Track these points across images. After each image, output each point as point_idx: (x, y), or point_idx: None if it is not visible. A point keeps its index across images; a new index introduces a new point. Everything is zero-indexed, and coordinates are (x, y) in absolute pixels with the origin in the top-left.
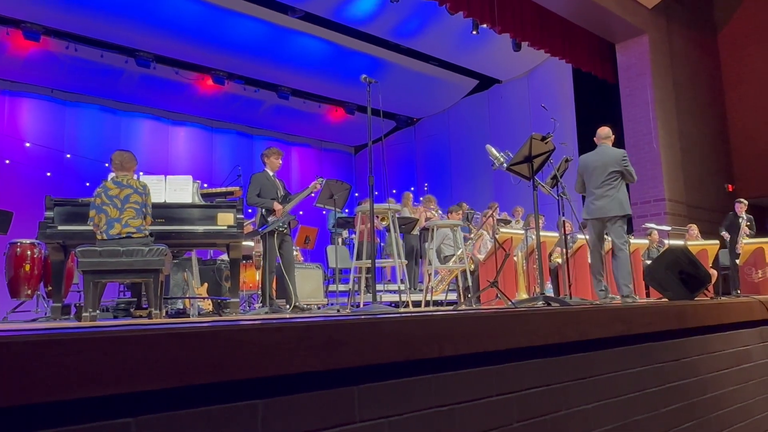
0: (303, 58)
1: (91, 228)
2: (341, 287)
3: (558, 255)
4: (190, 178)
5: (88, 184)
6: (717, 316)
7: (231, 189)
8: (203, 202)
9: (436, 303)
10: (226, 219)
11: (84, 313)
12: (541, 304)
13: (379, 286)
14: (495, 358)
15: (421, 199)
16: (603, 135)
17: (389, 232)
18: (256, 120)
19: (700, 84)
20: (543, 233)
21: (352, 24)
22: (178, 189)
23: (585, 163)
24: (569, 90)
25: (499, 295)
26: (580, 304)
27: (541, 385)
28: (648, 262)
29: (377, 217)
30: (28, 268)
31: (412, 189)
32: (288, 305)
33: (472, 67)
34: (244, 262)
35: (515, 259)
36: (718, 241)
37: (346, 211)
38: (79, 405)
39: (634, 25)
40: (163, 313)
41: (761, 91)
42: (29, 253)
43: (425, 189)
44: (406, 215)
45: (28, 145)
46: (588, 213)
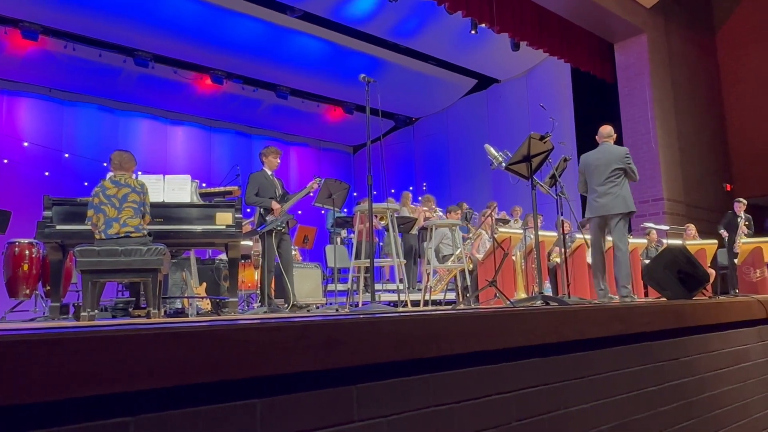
0: (302, 57)
1: (90, 227)
2: (340, 287)
3: (557, 254)
4: (189, 177)
5: (86, 184)
6: (715, 315)
7: (229, 188)
8: (202, 202)
9: (434, 302)
10: (224, 218)
11: (82, 313)
12: (539, 303)
13: (378, 285)
14: (493, 358)
15: (420, 198)
16: (605, 133)
17: (388, 231)
18: (255, 120)
19: (699, 84)
20: (541, 233)
21: (351, 23)
22: (176, 188)
23: (587, 162)
24: (568, 89)
25: (497, 294)
26: (578, 303)
27: (539, 385)
28: (646, 262)
29: (376, 216)
30: (27, 267)
31: (411, 188)
32: (286, 305)
33: (470, 67)
34: (243, 261)
35: (514, 258)
36: (716, 241)
37: (345, 210)
38: (78, 404)
39: (632, 24)
40: (162, 313)
41: (759, 90)
42: (27, 252)
43: (424, 188)
44: (404, 215)
45: (26, 144)
46: (591, 211)
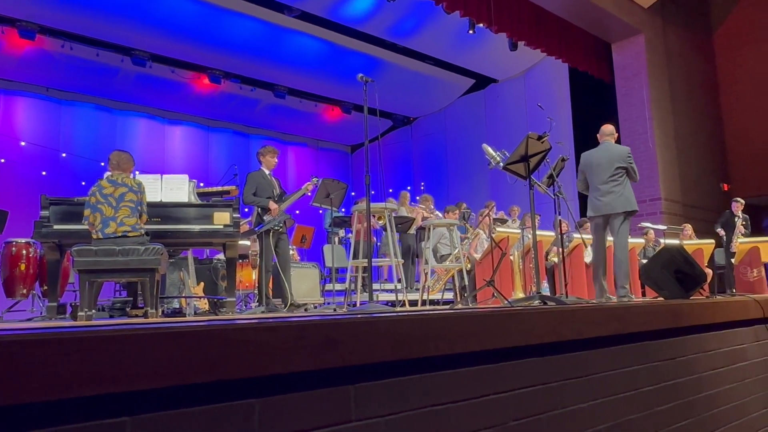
0: (299, 57)
1: (87, 227)
2: (338, 286)
3: (554, 254)
4: (186, 177)
5: (83, 183)
6: (712, 315)
7: (227, 188)
8: (199, 201)
9: (432, 302)
10: (222, 218)
11: (80, 313)
12: (537, 303)
13: (376, 285)
14: (491, 357)
15: (417, 198)
16: (607, 132)
17: (386, 231)
18: (253, 119)
19: (696, 84)
20: (539, 232)
21: (349, 23)
22: (174, 188)
23: (588, 160)
24: (565, 89)
25: (495, 294)
26: (576, 303)
27: (536, 384)
28: (644, 261)
29: (374, 216)
30: (24, 267)
31: (409, 188)
32: (284, 304)
33: (468, 67)
34: (241, 261)
35: (511, 258)
36: (713, 241)
37: (343, 210)
38: (75, 404)
39: (630, 24)
40: (159, 313)
41: (756, 91)
42: (25, 252)
43: (422, 188)
44: (403, 214)
45: (23, 144)
46: (593, 210)
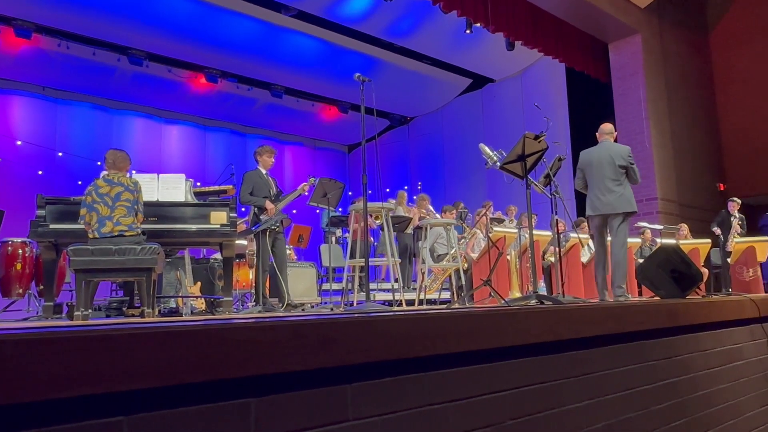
0: (296, 56)
1: (83, 226)
2: (335, 286)
3: (551, 254)
4: (183, 176)
5: (80, 183)
6: (708, 314)
7: (224, 187)
8: (196, 201)
9: (429, 302)
10: (219, 217)
11: (76, 312)
12: (534, 302)
13: (373, 284)
14: (488, 357)
15: (414, 198)
16: (606, 131)
17: (383, 230)
18: (250, 119)
19: (692, 84)
20: (536, 232)
21: (346, 22)
22: (170, 187)
23: (588, 158)
24: (562, 89)
25: (492, 293)
26: (572, 302)
27: (533, 384)
28: (640, 261)
29: (371, 215)
30: (20, 266)
31: (406, 188)
32: (281, 304)
33: (465, 66)
34: (237, 260)
35: (508, 257)
36: (709, 240)
37: (340, 209)
38: (71, 403)
39: (626, 24)
40: (156, 312)
41: (752, 90)
42: (21, 251)
43: (419, 188)
44: (400, 214)
45: (19, 143)
46: (593, 209)
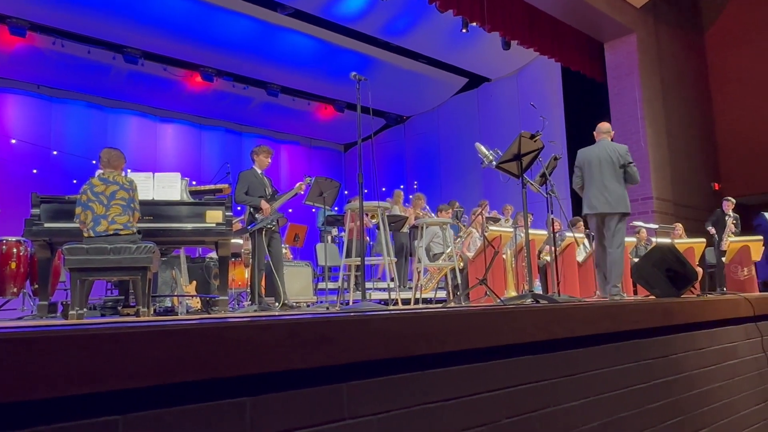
0: (292, 55)
1: (78, 225)
2: (330, 285)
3: (547, 253)
4: (179, 175)
5: (75, 181)
6: (703, 313)
7: (220, 186)
8: (192, 200)
9: (425, 301)
10: (214, 216)
11: (71, 311)
12: (529, 301)
13: (369, 283)
14: (483, 356)
15: (410, 197)
16: (604, 129)
17: (379, 229)
18: (245, 117)
19: (688, 83)
20: (532, 231)
21: (342, 21)
22: (166, 186)
23: (586, 157)
24: (558, 88)
25: (488, 292)
26: (568, 301)
27: (529, 382)
28: (635, 260)
29: (367, 214)
30: (14, 265)
31: (402, 187)
32: (277, 303)
33: (461, 66)
34: (233, 259)
35: (504, 257)
36: (704, 239)
37: (336, 208)
38: (67, 402)
39: (622, 24)
40: (151, 311)
41: (747, 90)
42: (15, 250)
43: (415, 187)
44: (396, 213)
45: (13, 141)
46: (589, 207)
